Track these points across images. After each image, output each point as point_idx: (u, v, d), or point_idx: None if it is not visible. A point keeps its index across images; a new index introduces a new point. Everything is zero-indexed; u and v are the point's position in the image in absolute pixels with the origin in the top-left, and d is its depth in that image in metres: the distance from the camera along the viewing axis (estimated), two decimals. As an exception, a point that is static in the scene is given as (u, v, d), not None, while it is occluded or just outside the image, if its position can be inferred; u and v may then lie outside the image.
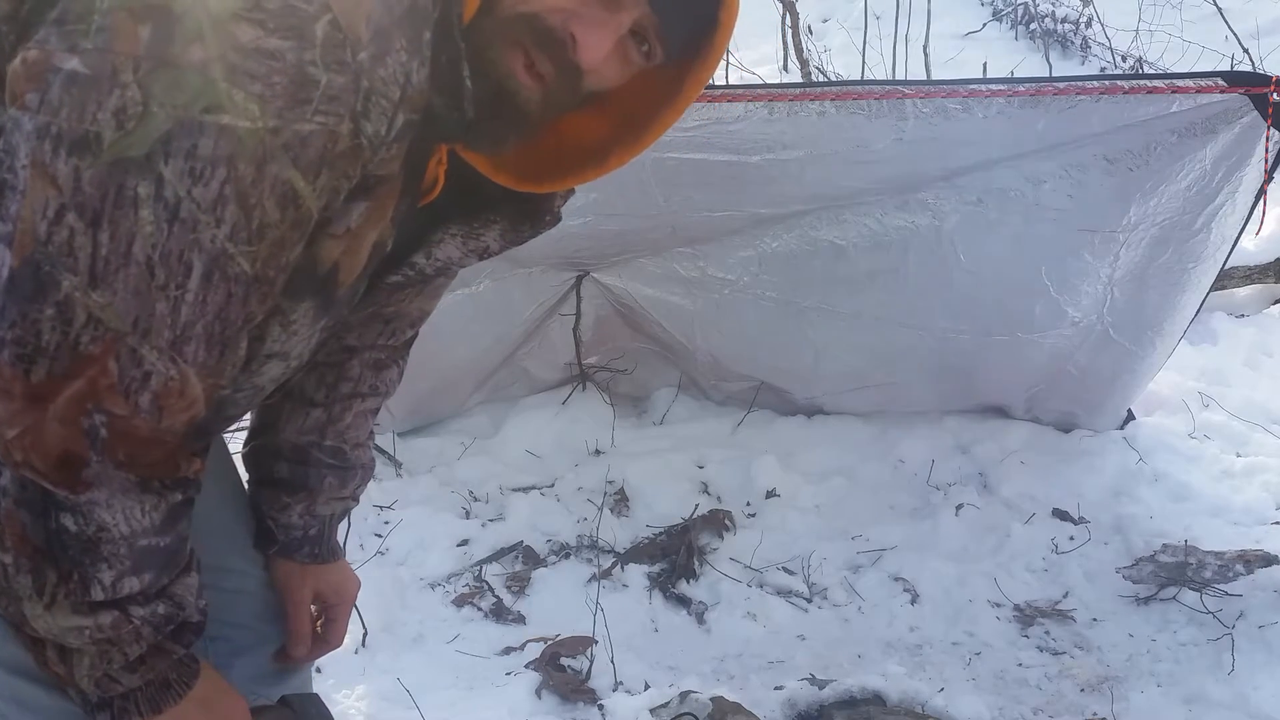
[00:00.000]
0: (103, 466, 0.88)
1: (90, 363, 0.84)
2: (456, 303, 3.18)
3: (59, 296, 0.82)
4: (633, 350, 3.54)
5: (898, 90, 2.50)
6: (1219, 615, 2.59)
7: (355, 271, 0.98)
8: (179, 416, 0.90)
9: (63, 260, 0.82)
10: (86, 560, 0.91)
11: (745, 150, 2.62)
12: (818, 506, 3.13)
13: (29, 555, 0.90)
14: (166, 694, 1.00)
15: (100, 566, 0.92)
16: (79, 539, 0.90)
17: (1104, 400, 3.22)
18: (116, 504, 0.91)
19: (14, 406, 0.84)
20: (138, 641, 0.96)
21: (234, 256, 0.85)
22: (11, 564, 0.90)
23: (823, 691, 2.38)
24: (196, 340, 0.87)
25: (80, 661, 0.96)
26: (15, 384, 0.83)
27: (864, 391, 3.37)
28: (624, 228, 2.98)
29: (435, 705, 2.30)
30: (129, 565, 0.93)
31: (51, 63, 0.81)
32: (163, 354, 0.86)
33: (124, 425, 0.87)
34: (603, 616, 2.55)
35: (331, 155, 0.86)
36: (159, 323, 0.85)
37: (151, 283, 0.84)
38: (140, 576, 0.94)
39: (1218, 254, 2.73)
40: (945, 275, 2.93)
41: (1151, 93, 2.40)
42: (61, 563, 0.90)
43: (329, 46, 0.83)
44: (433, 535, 2.94)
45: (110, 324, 0.83)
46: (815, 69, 6.17)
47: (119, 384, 0.85)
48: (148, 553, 0.94)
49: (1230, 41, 5.57)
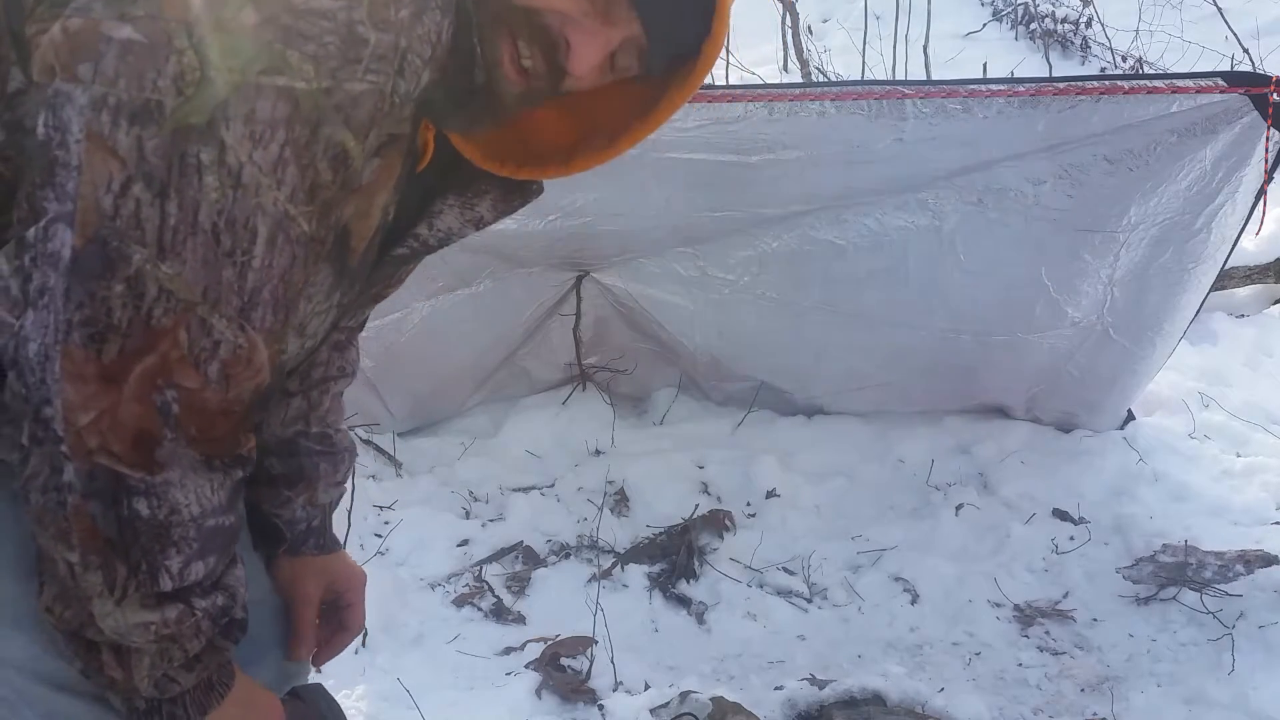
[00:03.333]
0: (175, 444, 0.86)
1: (162, 336, 0.83)
2: (456, 303, 3.19)
3: (129, 271, 0.81)
4: (633, 350, 3.54)
5: (898, 90, 2.50)
6: (1219, 615, 2.59)
7: (366, 237, 0.99)
8: (246, 385, 0.89)
9: (131, 234, 0.81)
10: (157, 547, 0.88)
11: (745, 150, 2.62)
12: (818, 507, 3.13)
13: (98, 550, 0.87)
14: (210, 696, 0.99)
15: (170, 552, 0.89)
16: (151, 524, 0.87)
17: (1104, 400, 3.22)
18: (189, 483, 0.88)
19: (88, 390, 0.82)
20: (198, 636, 0.94)
21: (295, 218, 0.86)
22: (79, 562, 0.87)
23: (823, 692, 2.38)
24: (263, 306, 0.87)
25: (140, 662, 0.93)
26: (88, 366, 0.82)
27: (864, 391, 3.37)
28: (624, 228, 2.98)
29: (435, 705, 2.29)
30: (196, 549, 0.91)
31: (101, 31, 0.80)
32: (231, 322, 0.85)
33: (195, 399, 0.86)
34: (603, 616, 2.54)
35: (379, 115, 0.87)
36: (227, 290, 0.84)
37: (218, 250, 0.83)
38: (205, 560, 0.92)
39: (1218, 254, 2.73)
40: (945, 275, 2.93)
41: (1151, 93, 2.40)
42: (132, 554, 0.87)
43: (376, 5, 0.84)
44: (433, 535, 2.94)
45: (181, 295, 0.83)
46: (815, 69, 6.18)
47: (189, 356, 0.84)
48: (214, 534, 0.92)
49: (1230, 41, 5.57)
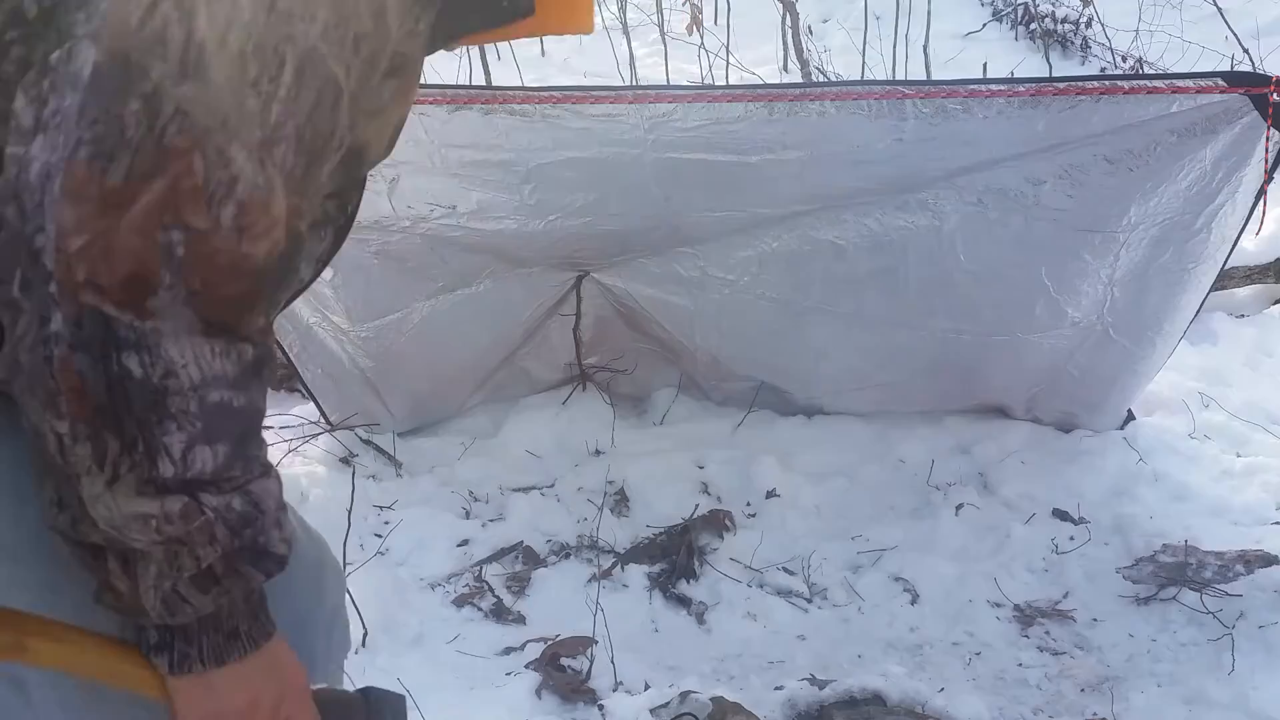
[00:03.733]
0: (173, 295, 0.80)
1: (175, 159, 0.79)
2: (456, 303, 3.19)
3: (147, 87, 0.78)
4: (633, 350, 3.54)
5: (898, 90, 2.50)
6: (1219, 615, 2.58)
7: (380, 155, 0.99)
8: (260, 243, 0.83)
9: (154, 49, 0.78)
10: (153, 418, 0.82)
11: (745, 150, 2.62)
12: (818, 507, 3.13)
13: (88, 418, 0.80)
14: (234, 645, 0.92)
15: (169, 427, 0.82)
16: (144, 388, 0.81)
17: (1104, 400, 3.22)
18: (185, 342, 0.82)
19: (85, 210, 0.78)
20: (211, 543, 0.87)
21: (325, 57, 0.84)
22: (68, 433, 0.81)
23: (823, 692, 2.38)
24: (286, 143, 0.84)
25: (146, 570, 0.86)
26: (90, 185, 0.77)
27: (864, 391, 3.37)
28: (624, 228, 2.98)
29: (435, 705, 2.29)
30: (200, 428, 0.83)
31: None
32: (251, 155, 0.81)
33: (203, 245, 0.81)
34: (603, 616, 2.54)
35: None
36: (249, 120, 0.81)
37: (244, 76, 0.81)
38: (214, 447, 0.85)
39: (1218, 254, 2.73)
40: (945, 275, 2.93)
41: (1151, 93, 2.40)
42: (126, 425, 0.81)
43: None
44: (433, 535, 2.95)
45: (198, 118, 0.79)
46: (815, 69, 6.17)
47: (203, 188, 0.80)
48: (220, 413, 0.84)
49: (1230, 41, 5.56)
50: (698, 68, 5.93)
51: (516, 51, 6.19)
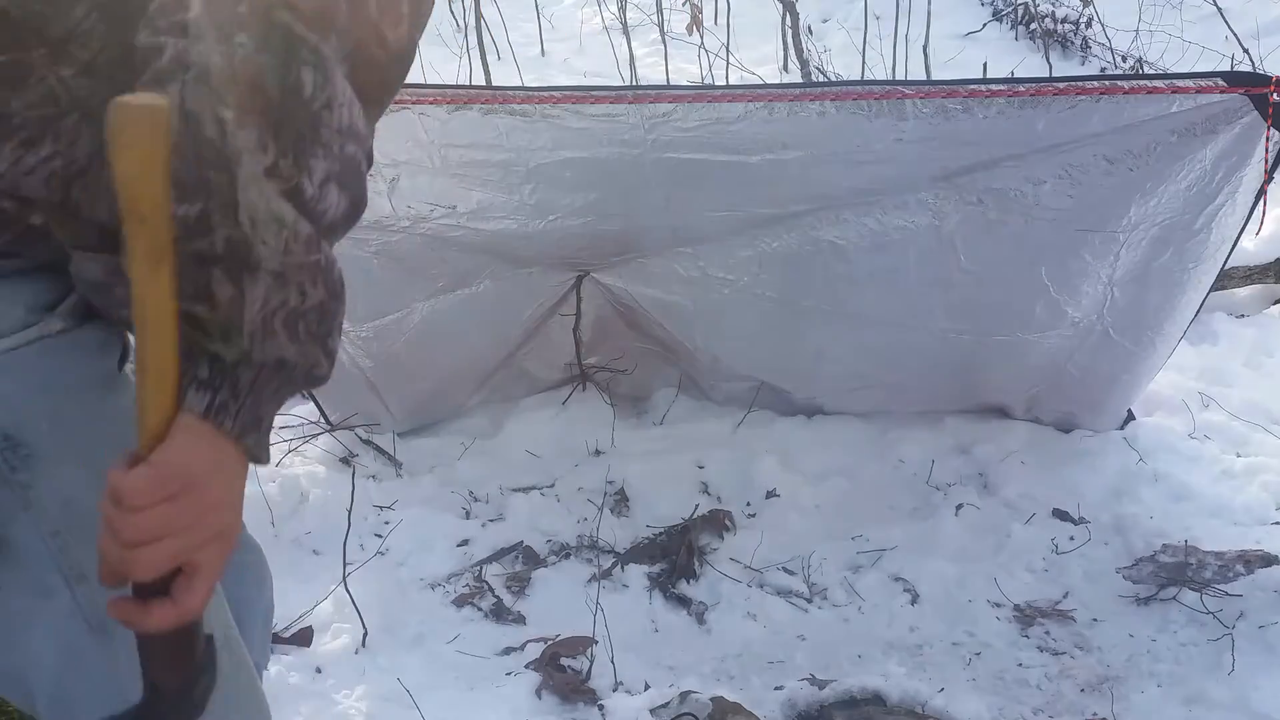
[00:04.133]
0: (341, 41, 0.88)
1: None
2: (456, 303, 3.19)
3: None
4: (633, 350, 3.54)
5: (898, 90, 2.50)
6: (1219, 615, 2.59)
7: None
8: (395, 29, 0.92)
9: None
10: (309, 137, 0.86)
11: (745, 150, 2.62)
12: (818, 506, 3.13)
13: (257, 112, 0.84)
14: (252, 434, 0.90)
15: (316, 152, 0.86)
16: (309, 106, 0.85)
17: (1104, 400, 3.22)
18: (345, 85, 0.88)
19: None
20: (315, 285, 0.89)
21: None
22: (233, 120, 0.83)
23: (823, 692, 2.38)
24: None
25: (255, 283, 0.85)
26: None
27: (864, 391, 3.37)
28: (624, 228, 2.98)
29: (435, 705, 2.30)
30: (337, 169, 0.88)
31: None
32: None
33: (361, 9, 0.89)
34: (603, 616, 2.55)
35: None
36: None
37: None
38: (341, 192, 0.89)
39: (1218, 254, 2.73)
40: (945, 275, 2.92)
41: (1151, 93, 2.40)
42: (284, 133, 0.85)
43: None
44: (433, 535, 2.95)
45: None
46: (815, 69, 6.17)
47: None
48: (351, 166, 0.90)
49: (1230, 41, 5.56)
50: (698, 68, 5.94)
51: (516, 51, 6.20)
